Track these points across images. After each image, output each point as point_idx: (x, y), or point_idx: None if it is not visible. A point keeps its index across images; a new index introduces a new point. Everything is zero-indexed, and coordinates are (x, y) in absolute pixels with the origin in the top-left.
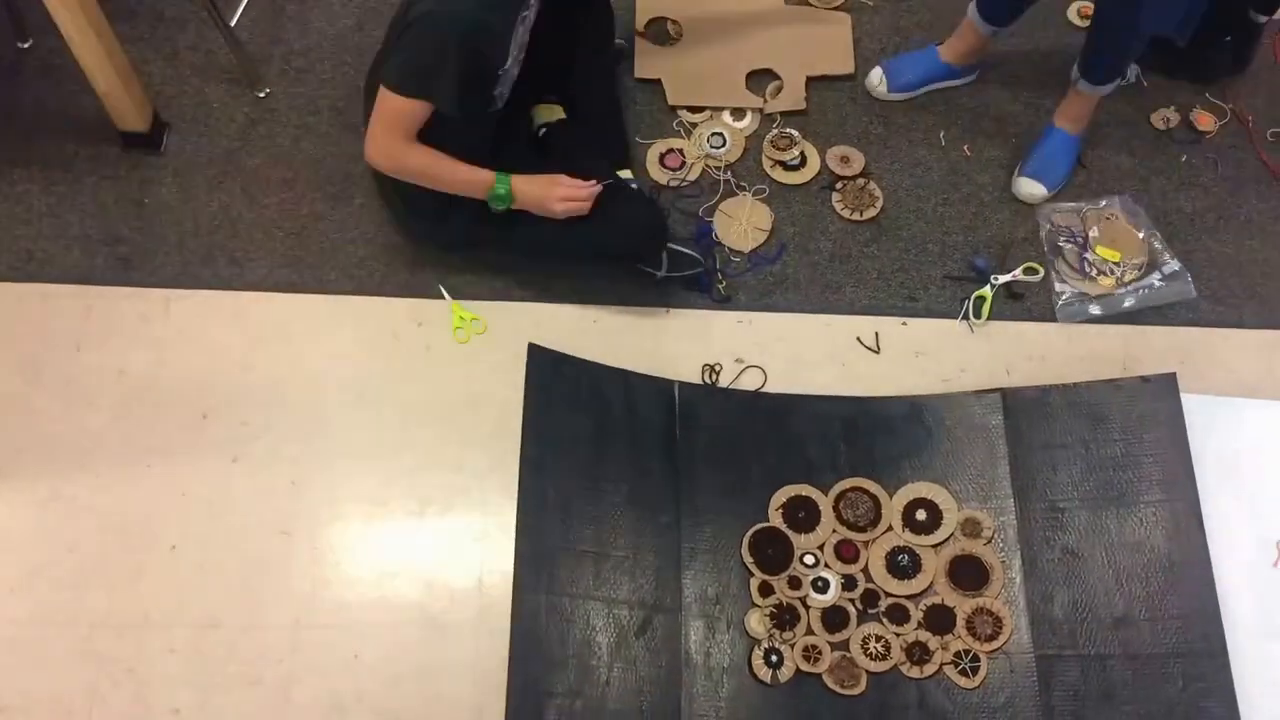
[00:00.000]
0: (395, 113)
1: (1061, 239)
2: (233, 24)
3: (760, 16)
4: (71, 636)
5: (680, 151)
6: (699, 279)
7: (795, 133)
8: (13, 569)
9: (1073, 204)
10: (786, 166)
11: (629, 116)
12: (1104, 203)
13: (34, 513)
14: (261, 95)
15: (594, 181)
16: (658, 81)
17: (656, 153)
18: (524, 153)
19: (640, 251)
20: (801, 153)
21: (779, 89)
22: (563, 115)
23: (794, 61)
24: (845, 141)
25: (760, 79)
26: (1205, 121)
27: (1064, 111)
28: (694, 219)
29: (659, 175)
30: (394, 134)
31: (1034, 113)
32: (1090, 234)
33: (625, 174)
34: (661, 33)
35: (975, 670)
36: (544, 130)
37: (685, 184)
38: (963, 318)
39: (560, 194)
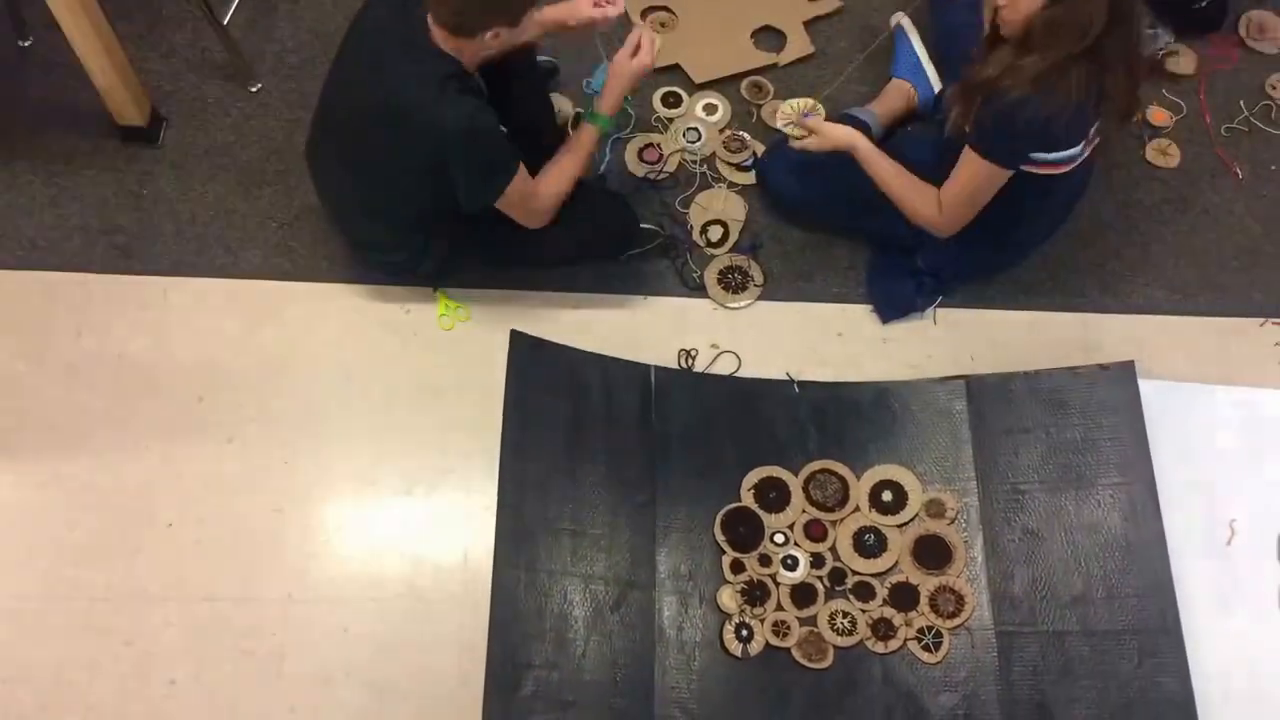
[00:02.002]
0: (520, 193)
1: None
2: (225, 22)
3: None
4: (72, 611)
5: (658, 146)
6: (669, 246)
7: (746, 135)
8: (15, 546)
9: None
10: (740, 168)
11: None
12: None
13: (36, 492)
14: (255, 90)
15: None
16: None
17: (635, 147)
18: None
19: (614, 247)
20: (753, 153)
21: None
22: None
23: (787, 11)
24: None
25: (763, 37)
26: (1161, 118)
27: None
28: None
29: (637, 169)
30: (530, 199)
31: None
32: None
33: None
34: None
35: (938, 646)
36: None
37: (663, 175)
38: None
39: (629, 63)
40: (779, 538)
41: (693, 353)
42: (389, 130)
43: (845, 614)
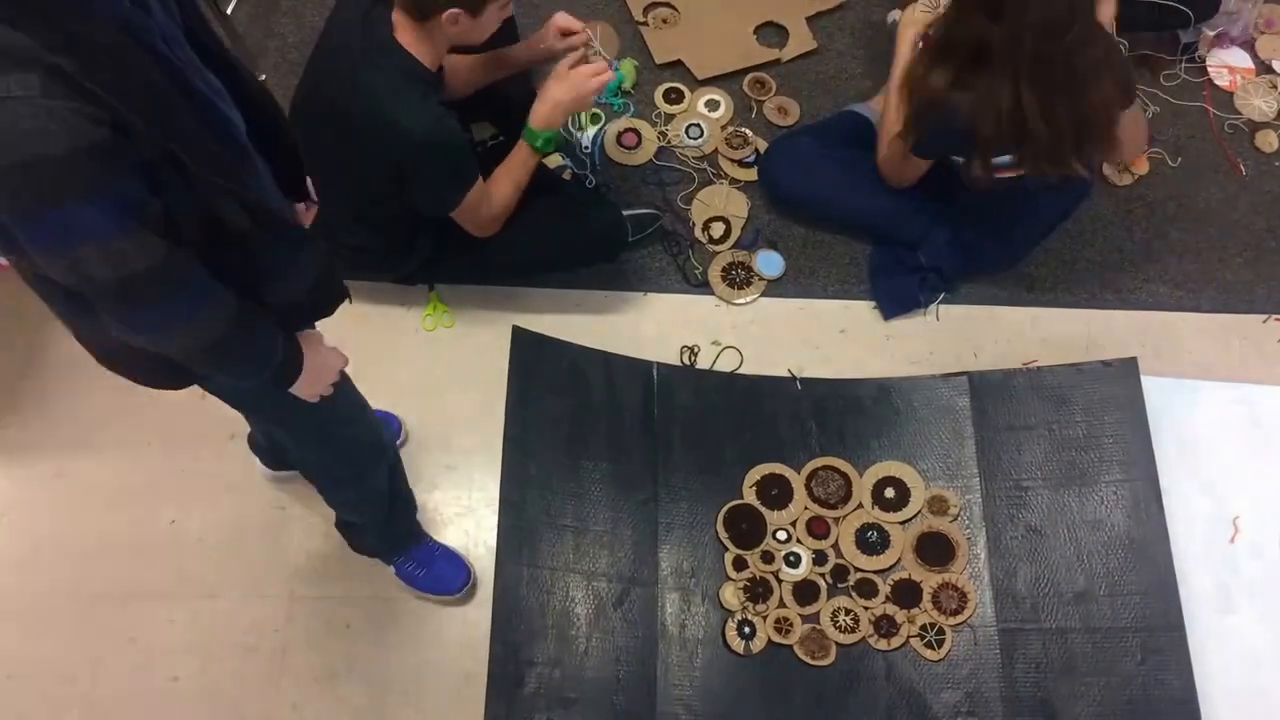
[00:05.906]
0: (472, 204)
1: None
2: (229, 12)
3: None
4: (75, 608)
5: (636, 131)
6: (669, 234)
7: (748, 132)
8: (20, 543)
9: None
10: (742, 164)
11: None
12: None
13: (40, 489)
14: (260, 80)
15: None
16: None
17: (614, 131)
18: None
19: (607, 253)
20: (755, 150)
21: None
22: (494, 131)
23: (790, 7)
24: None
25: (765, 32)
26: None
27: None
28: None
29: (615, 154)
30: (478, 211)
31: None
32: None
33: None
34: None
35: (940, 643)
36: (482, 146)
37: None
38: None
39: (581, 79)
40: (781, 535)
41: (695, 349)
42: (354, 132)
43: (848, 611)
